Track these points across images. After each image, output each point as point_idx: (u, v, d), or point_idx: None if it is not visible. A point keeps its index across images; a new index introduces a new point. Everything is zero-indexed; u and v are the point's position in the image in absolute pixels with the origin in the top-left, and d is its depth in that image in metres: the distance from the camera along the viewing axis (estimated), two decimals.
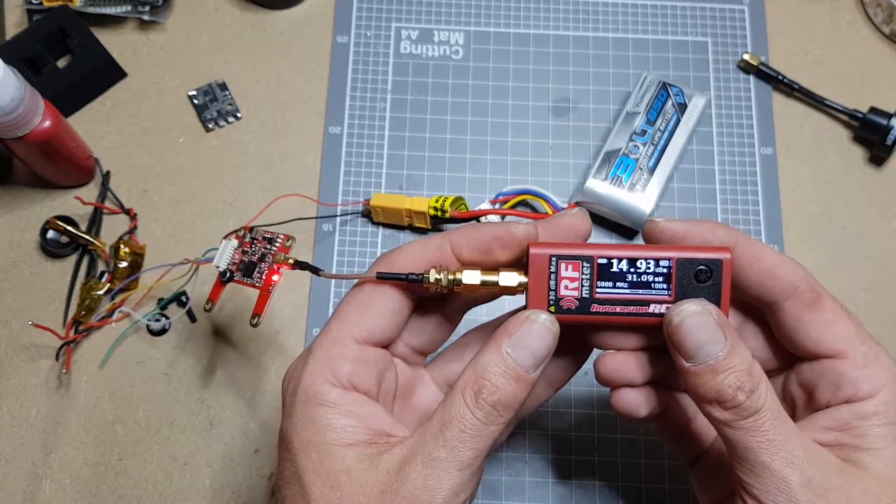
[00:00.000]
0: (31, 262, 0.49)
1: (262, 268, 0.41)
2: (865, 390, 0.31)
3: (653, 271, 0.32)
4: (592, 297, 0.32)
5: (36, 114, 0.44)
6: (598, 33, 0.55)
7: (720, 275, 0.32)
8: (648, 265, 0.32)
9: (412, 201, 0.49)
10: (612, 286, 0.32)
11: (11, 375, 0.47)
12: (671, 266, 0.32)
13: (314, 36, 0.55)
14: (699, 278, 0.32)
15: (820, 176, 0.53)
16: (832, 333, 0.32)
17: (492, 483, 0.45)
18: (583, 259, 0.32)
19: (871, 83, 0.55)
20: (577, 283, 0.32)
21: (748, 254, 0.33)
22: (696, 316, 0.31)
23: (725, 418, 0.30)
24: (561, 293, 0.32)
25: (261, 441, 0.46)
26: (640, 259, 0.32)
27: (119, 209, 0.50)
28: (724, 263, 0.32)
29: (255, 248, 0.41)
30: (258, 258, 0.41)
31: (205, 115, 0.53)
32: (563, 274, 0.32)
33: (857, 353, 0.32)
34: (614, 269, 0.32)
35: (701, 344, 0.30)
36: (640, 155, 0.49)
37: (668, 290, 0.32)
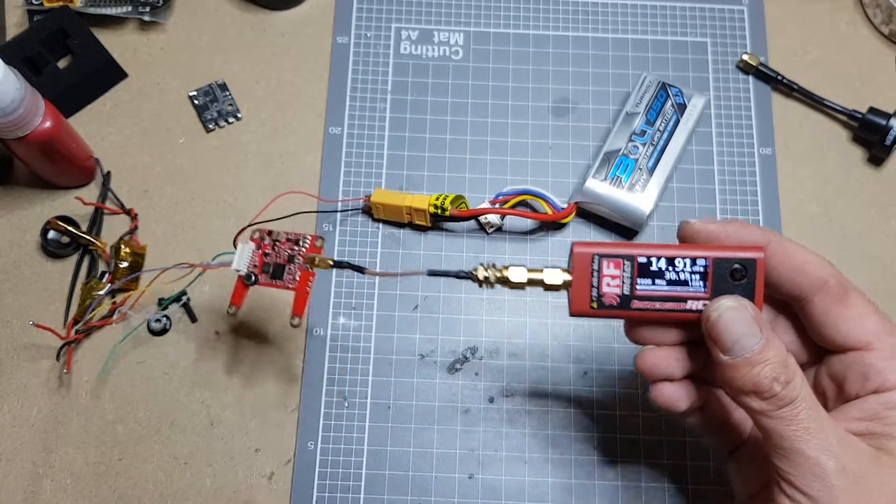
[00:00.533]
0: (31, 262, 0.50)
1: (293, 269, 0.41)
2: (893, 380, 0.32)
3: (690, 270, 0.34)
4: (633, 294, 0.34)
5: (36, 114, 0.45)
6: (597, 34, 0.55)
7: (754, 273, 0.33)
8: (686, 264, 0.34)
9: (412, 198, 0.49)
10: (652, 283, 0.34)
11: (12, 375, 0.47)
12: (708, 265, 0.34)
13: (314, 36, 0.55)
14: (734, 276, 0.33)
15: (819, 176, 0.53)
16: (860, 326, 0.33)
17: (492, 483, 0.46)
18: (624, 258, 0.34)
19: (871, 83, 0.55)
20: (619, 281, 0.34)
21: (780, 252, 0.34)
22: (733, 311, 0.32)
23: (763, 408, 0.31)
24: (603, 290, 0.34)
25: (261, 440, 0.46)
26: (678, 258, 0.34)
27: (120, 209, 0.50)
28: (757, 262, 0.33)
29: (278, 250, 0.41)
30: (285, 259, 0.41)
31: (205, 116, 0.53)
32: (605, 272, 0.34)
33: (884, 344, 0.33)
34: (654, 267, 0.34)
35: (738, 337, 0.32)
36: (640, 155, 0.50)
37: (704, 288, 0.34)
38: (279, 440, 0.46)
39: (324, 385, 0.47)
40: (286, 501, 0.45)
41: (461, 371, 0.48)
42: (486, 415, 0.47)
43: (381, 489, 0.45)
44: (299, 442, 0.46)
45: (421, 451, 0.46)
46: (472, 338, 0.48)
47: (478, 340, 0.48)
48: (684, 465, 0.46)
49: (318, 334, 0.48)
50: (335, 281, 0.49)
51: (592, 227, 0.51)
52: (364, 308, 0.49)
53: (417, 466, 0.46)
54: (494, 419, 0.47)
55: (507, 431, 0.47)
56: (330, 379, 0.47)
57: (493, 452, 0.46)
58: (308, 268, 0.41)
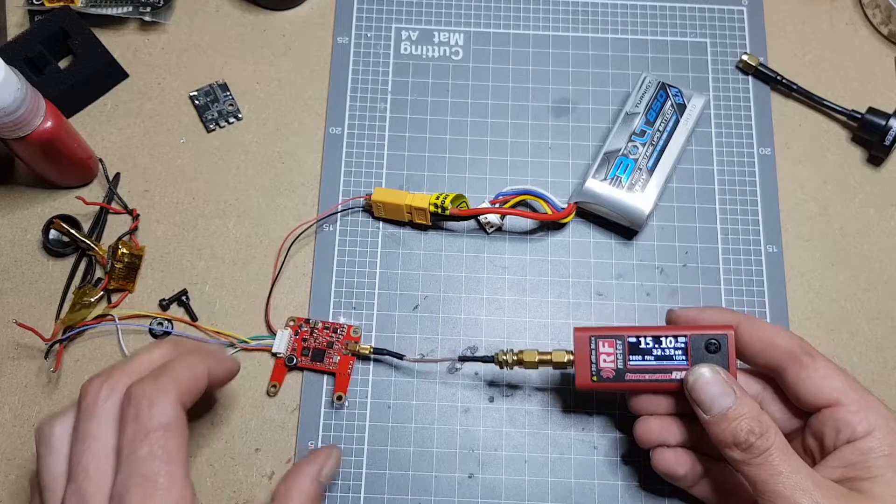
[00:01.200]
0: (32, 261, 0.50)
1: (332, 353, 0.47)
2: (861, 430, 0.37)
3: (673, 346, 0.41)
4: (626, 368, 0.41)
5: (37, 114, 0.45)
6: (597, 34, 0.56)
7: (726, 346, 0.40)
8: (669, 341, 0.41)
9: (413, 197, 0.49)
10: (642, 359, 0.41)
11: (14, 374, 0.47)
12: (687, 341, 0.40)
13: (315, 37, 0.55)
14: (709, 349, 0.40)
15: (818, 176, 0.53)
16: (827, 386, 0.38)
17: (492, 482, 0.46)
18: (616, 338, 0.41)
19: (870, 84, 0.55)
20: (613, 357, 0.41)
21: (751, 330, 0.40)
22: (707, 374, 0.39)
23: (742, 458, 0.36)
24: (601, 366, 0.41)
25: (261, 440, 0.46)
26: (661, 336, 0.41)
27: (122, 209, 0.50)
28: (728, 337, 0.40)
29: (316, 336, 0.47)
30: (324, 345, 0.47)
31: (206, 116, 0.53)
32: (601, 350, 0.41)
33: (850, 400, 0.38)
34: (642, 345, 0.41)
35: (714, 397, 0.38)
36: (640, 155, 0.50)
37: (685, 360, 0.40)
38: (279, 440, 0.46)
39: (324, 385, 0.47)
40: None
41: (461, 371, 0.48)
42: (485, 414, 0.47)
43: (381, 488, 0.45)
44: (299, 441, 0.46)
45: (421, 450, 0.46)
46: (472, 337, 0.49)
47: (478, 340, 0.48)
48: None
49: None
50: (335, 280, 0.49)
51: (592, 227, 0.51)
52: (364, 308, 0.49)
53: (417, 466, 0.46)
54: (494, 419, 0.47)
55: (507, 431, 0.47)
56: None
57: (493, 452, 0.46)
58: (348, 354, 0.47)
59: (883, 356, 0.49)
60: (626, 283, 0.50)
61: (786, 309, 0.49)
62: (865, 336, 0.49)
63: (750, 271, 0.50)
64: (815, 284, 0.50)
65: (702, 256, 0.50)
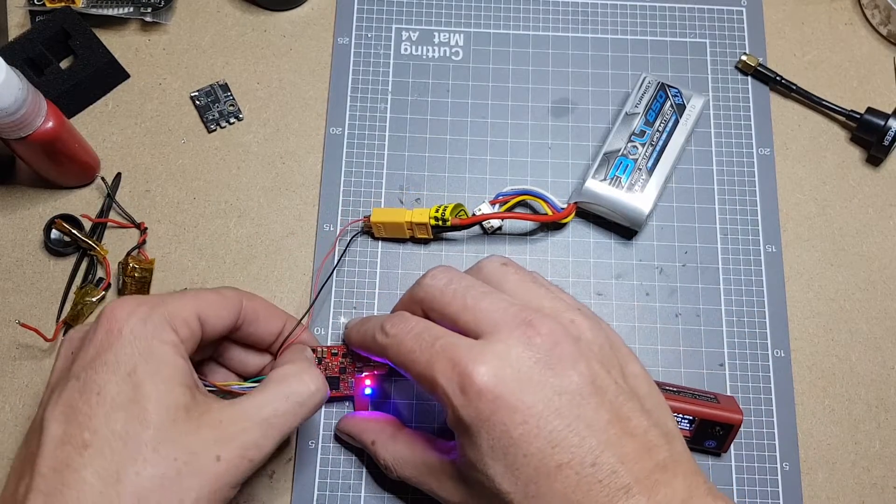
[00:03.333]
0: (34, 261, 0.50)
1: (346, 378, 0.45)
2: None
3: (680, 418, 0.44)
4: None
5: (38, 115, 0.45)
6: (596, 35, 0.56)
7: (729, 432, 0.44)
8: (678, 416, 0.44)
9: (412, 213, 0.49)
10: None
11: (15, 374, 0.47)
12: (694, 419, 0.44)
13: (315, 37, 0.56)
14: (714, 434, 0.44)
15: (817, 176, 0.53)
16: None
17: None
18: None
19: (869, 84, 0.55)
20: None
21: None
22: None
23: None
24: None
25: None
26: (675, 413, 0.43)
27: (130, 223, 0.50)
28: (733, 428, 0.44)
29: (327, 364, 0.45)
30: (337, 371, 0.45)
31: (207, 116, 0.53)
32: None
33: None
34: None
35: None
36: (639, 155, 0.50)
37: (689, 430, 0.44)
38: None
39: None
40: (287, 500, 0.45)
41: None
42: None
43: (381, 488, 0.45)
44: (300, 441, 0.46)
45: None
46: None
47: None
48: None
49: (319, 334, 0.48)
50: (335, 280, 0.50)
51: (592, 227, 0.51)
52: (364, 308, 0.49)
53: None
54: None
55: None
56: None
57: None
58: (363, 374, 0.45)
59: (882, 356, 0.49)
60: (626, 283, 0.50)
61: (785, 309, 0.50)
62: (864, 336, 0.50)
63: (749, 271, 0.50)
64: (815, 284, 0.50)
65: (701, 256, 0.51)
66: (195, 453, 0.32)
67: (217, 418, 0.34)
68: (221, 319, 0.38)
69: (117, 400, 0.32)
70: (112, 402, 0.32)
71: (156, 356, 0.33)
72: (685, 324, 0.49)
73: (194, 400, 0.34)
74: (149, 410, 0.32)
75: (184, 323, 0.36)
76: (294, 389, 0.37)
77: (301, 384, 0.37)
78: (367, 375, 0.45)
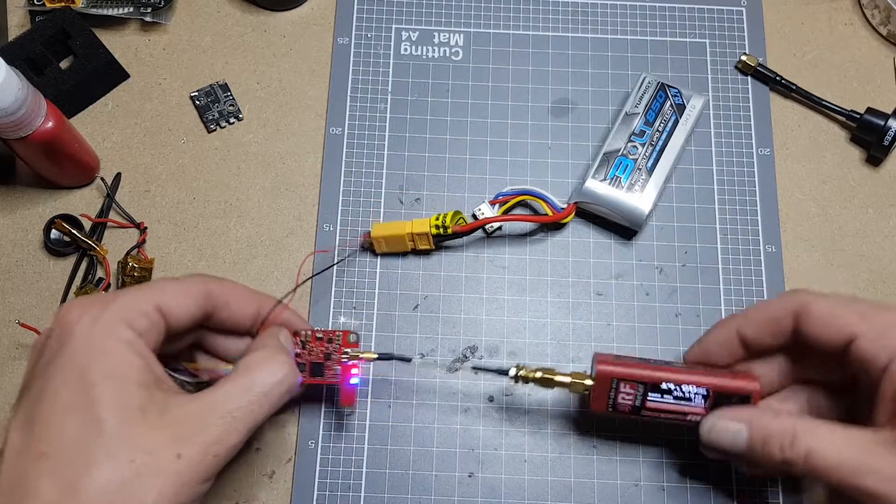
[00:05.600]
0: (34, 261, 0.50)
1: (331, 365, 0.43)
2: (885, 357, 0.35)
3: (694, 392, 0.40)
4: (644, 406, 0.41)
5: (38, 115, 0.45)
6: (596, 35, 0.56)
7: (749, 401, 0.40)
8: (690, 388, 0.40)
9: (412, 224, 0.49)
10: (660, 397, 0.41)
11: (15, 374, 0.47)
12: (707, 395, 0.40)
13: (315, 37, 0.56)
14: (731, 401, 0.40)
15: (817, 176, 0.53)
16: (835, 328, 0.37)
17: (491, 481, 0.46)
18: (639, 382, 0.40)
19: (869, 84, 0.55)
20: (633, 396, 0.41)
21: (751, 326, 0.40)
22: (713, 423, 0.39)
23: (797, 471, 0.36)
24: (618, 401, 0.41)
25: (262, 440, 0.46)
26: (684, 384, 0.40)
27: (130, 223, 0.50)
28: (753, 394, 0.40)
29: (311, 349, 0.43)
30: (322, 357, 0.43)
31: (206, 116, 0.53)
32: (622, 390, 0.41)
33: (863, 330, 0.36)
34: (664, 386, 0.40)
35: (733, 439, 0.38)
36: (639, 155, 0.50)
37: (704, 405, 0.40)
38: (280, 439, 0.46)
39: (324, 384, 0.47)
40: (287, 500, 0.45)
41: (461, 370, 0.48)
42: (485, 413, 0.47)
43: (381, 488, 0.45)
44: (300, 441, 0.46)
45: (421, 449, 0.46)
46: (471, 337, 0.49)
47: (477, 339, 0.49)
48: (683, 464, 0.46)
49: None
50: (335, 280, 0.50)
51: (591, 227, 0.51)
52: (364, 308, 0.49)
53: (417, 465, 0.46)
54: (494, 418, 0.47)
55: (506, 430, 0.47)
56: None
57: (493, 451, 0.46)
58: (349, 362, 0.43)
59: None
60: (626, 283, 0.50)
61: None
62: None
63: (749, 271, 0.50)
64: (814, 284, 0.50)
65: (701, 256, 0.51)
66: (152, 453, 0.31)
67: (176, 416, 0.33)
68: (185, 308, 0.36)
69: (70, 405, 0.31)
70: (65, 407, 0.31)
71: (109, 356, 0.32)
72: (685, 324, 0.49)
73: (151, 398, 0.32)
74: (102, 414, 0.31)
75: (141, 316, 0.34)
76: (258, 379, 0.35)
77: (266, 373, 0.35)
78: (354, 364, 0.43)
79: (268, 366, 0.36)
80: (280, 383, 0.36)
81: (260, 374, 0.35)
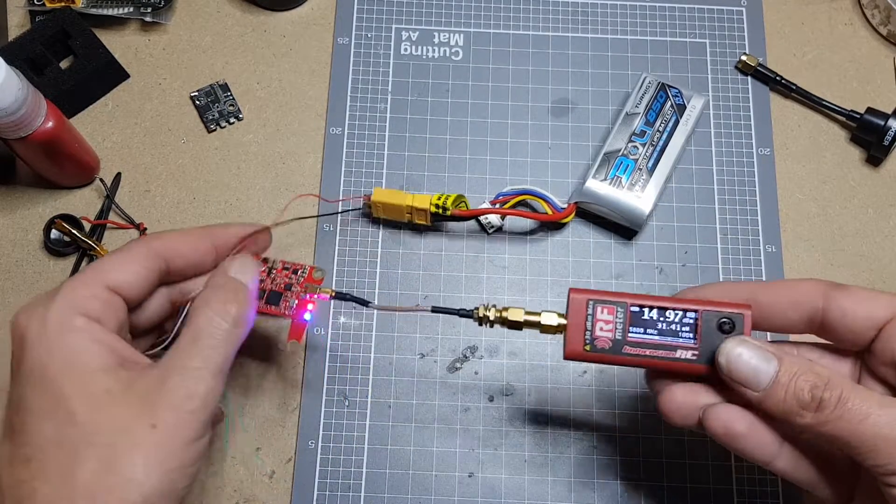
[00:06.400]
0: (34, 261, 0.50)
1: (289, 297, 0.42)
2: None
3: (680, 321, 0.36)
4: (625, 340, 0.36)
5: (38, 115, 0.45)
6: (596, 35, 0.56)
7: (741, 326, 0.35)
8: (676, 315, 0.36)
9: (413, 198, 0.49)
10: (643, 332, 0.36)
11: None
12: (697, 317, 0.35)
13: (315, 37, 0.56)
14: (722, 329, 0.35)
15: (817, 176, 0.53)
16: (876, 304, 0.34)
17: (491, 481, 0.46)
18: (617, 304, 0.36)
19: (869, 84, 0.55)
20: (612, 326, 0.36)
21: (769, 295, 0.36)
22: (739, 348, 0.33)
23: (818, 420, 0.31)
24: (596, 334, 0.36)
25: (261, 439, 0.46)
26: (669, 309, 0.36)
27: (129, 223, 0.50)
28: (745, 317, 0.35)
29: (274, 277, 0.42)
30: (283, 287, 0.42)
31: (206, 116, 0.53)
32: (599, 317, 0.36)
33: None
34: (645, 316, 0.36)
35: (756, 369, 0.33)
36: (639, 155, 0.50)
37: (693, 339, 0.35)
38: (280, 439, 0.46)
39: (324, 384, 0.47)
40: (287, 500, 0.45)
41: (461, 370, 0.48)
42: (485, 413, 0.47)
43: (381, 488, 0.45)
44: (300, 441, 0.46)
45: (421, 449, 0.46)
46: (471, 337, 0.49)
47: (477, 339, 0.49)
48: (683, 464, 0.46)
49: (319, 334, 0.48)
50: (335, 280, 0.50)
51: (592, 227, 0.51)
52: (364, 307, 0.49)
53: (417, 465, 0.46)
54: (494, 418, 0.47)
55: (506, 430, 0.47)
56: (330, 378, 0.47)
57: (493, 451, 0.46)
58: (305, 296, 0.42)
59: None
60: (626, 283, 0.50)
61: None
62: None
63: (749, 271, 0.50)
64: None
65: (701, 256, 0.51)
66: (127, 430, 0.31)
67: (141, 388, 0.32)
68: (135, 275, 0.36)
69: (42, 408, 0.32)
70: (38, 411, 0.32)
71: (64, 350, 0.32)
72: None
73: (117, 379, 0.32)
74: (72, 408, 0.31)
75: (90, 299, 0.34)
76: (202, 326, 0.34)
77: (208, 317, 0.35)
78: (310, 299, 0.41)
79: (210, 308, 0.35)
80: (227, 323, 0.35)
81: (203, 318, 0.35)
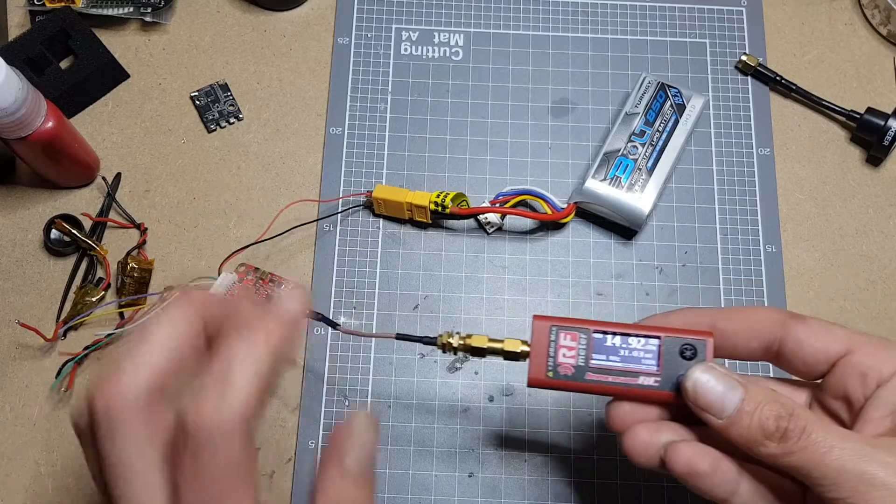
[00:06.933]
0: (34, 261, 0.50)
1: None
2: (888, 369, 0.32)
3: (642, 347, 0.35)
4: (588, 366, 0.35)
5: (38, 115, 0.45)
6: (596, 34, 0.56)
7: (703, 353, 0.35)
8: (639, 342, 0.35)
9: (413, 195, 0.49)
10: (606, 358, 0.35)
11: (14, 374, 0.47)
12: (660, 344, 0.35)
13: (315, 37, 0.56)
14: (684, 356, 0.35)
15: (817, 176, 0.53)
16: (832, 336, 0.34)
17: (491, 481, 0.46)
18: (580, 331, 0.36)
19: (869, 84, 0.55)
20: (574, 353, 0.36)
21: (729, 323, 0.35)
22: (705, 376, 0.33)
23: (781, 450, 0.31)
24: (559, 360, 0.35)
25: (261, 440, 0.46)
26: (631, 336, 0.35)
27: (130, 223, 0.50)
28: (707, 344, 0.35)
29: (258, 287, 0.42)
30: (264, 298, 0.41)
31: (206, 116, 0.53)
32: (562, 343, 0.36)
33: (860, 343, 0.33)
34: (608, 343, 0.36)
35: (722, 396, 0.32)
36: (639, 155, 0.50)
37: (655, 365, 0.35)
38: (280, 439, 0.46)
39: (324, 384, 0.47)
40: (287, 500, 0.45)
41: (461, 370, 0.48)
42: (485, 413, 0.47)
43: (381, 488, 0.45)
44: (300, 441, 0.46)
45: (421, 449, 0.46)
46: None
47: None
48: None
49: (319, 334, 0.48)
50: (335, 280, 0.50)
51: (592, 227, 0.51)
52: (364, 307, 0.49)
53: (417, 465, 0.46)
54: (494, 418, 0.47)
55: (506, 430, 0.47)
56: (330, 378, 0.47)
57: (493, 451, 0.46)
58: None
59: None
60: (626, 283, 0.50)
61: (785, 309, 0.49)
62: None
63: (749, 271, 0.50)
64: (815, 284, 0.50)
65: (701, 256, 0.51)
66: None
67: None
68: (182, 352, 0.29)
69: None
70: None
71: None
72: None
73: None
74: None
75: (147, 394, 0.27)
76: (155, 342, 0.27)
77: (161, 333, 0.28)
78: None
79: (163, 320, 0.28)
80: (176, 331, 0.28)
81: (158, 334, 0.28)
